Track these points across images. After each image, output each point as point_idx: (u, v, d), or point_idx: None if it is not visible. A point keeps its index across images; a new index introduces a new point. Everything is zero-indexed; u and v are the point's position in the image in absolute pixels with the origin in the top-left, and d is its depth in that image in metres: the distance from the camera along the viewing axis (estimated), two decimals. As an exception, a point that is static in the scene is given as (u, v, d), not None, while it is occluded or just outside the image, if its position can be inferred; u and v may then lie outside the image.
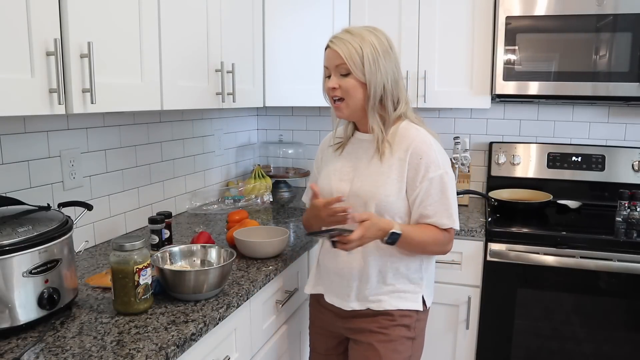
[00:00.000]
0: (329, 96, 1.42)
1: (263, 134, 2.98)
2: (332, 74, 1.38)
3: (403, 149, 1.37)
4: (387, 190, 1.36)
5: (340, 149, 1.51)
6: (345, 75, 1.36)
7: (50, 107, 1.10)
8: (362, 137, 1.47)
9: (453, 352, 2.14)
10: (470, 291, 2.09)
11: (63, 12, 1.12)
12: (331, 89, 1.38)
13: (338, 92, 1.37)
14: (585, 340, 1.97)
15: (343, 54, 1.33)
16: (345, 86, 1.36)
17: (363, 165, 1.42)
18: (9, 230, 1.08)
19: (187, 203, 2.27)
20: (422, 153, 1.36)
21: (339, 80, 1.36)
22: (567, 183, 2.45)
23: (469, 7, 2.21)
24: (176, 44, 1.56)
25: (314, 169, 1.63)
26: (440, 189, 1.35)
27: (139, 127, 1.95)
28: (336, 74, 1.37)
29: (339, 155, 1.50)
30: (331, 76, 1.38)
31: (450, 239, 1.41)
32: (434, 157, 1.36)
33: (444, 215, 1.36)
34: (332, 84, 1.37)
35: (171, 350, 1.04)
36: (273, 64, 2.25)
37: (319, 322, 1.58)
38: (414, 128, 1.41)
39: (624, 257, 1.88)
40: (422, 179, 1.35)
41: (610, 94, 2.05)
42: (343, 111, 1.40)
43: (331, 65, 1.38)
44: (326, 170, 1.51)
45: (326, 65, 1.40)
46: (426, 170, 1.35)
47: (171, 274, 1.26)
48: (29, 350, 1.02)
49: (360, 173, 1.42)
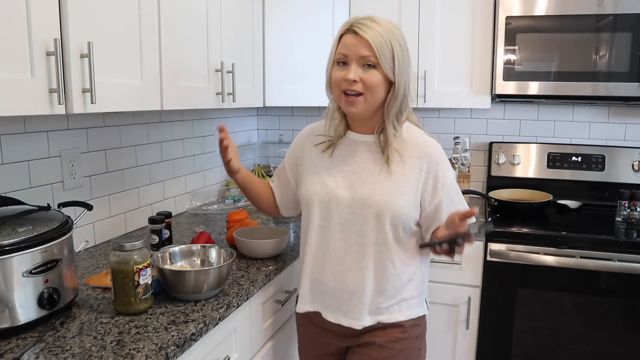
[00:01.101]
0: (338, 87, 1.24)
1: (263, 134, 2.98)
2: (352, 63, 1.21)
3: (415, 155, 1.27)
4: (404, 202, 1.26)
5: (330, 150, 1.35)
6: (370, 68, 1.21)
7: (50, 107, 1.10)
8: (358, 139, 1.33)
9: (453, 352, 2.14)
10: (470, 291, 2.09)
11: (63, 12, 1.12)
12: (350, 81, 1.21)
13: (358, 86, 1.21)
14: (585, 340, 1.97)
15: (374, 44, 1.18)
16: (369, 80, 1.20)
17: (367, 171, 1.29)
18: (9, 230, 1.08)
19: (187, 203, 2.27)
20: (438, 160, 1.28)
21: (362, 72, 1.21)
22: (567, 183, 2.45)
23: (469, 7, 2.21)
24: (176, 44, 1.56)
25: (286, 163, 1.47)
26: (454, 195, 1.30)
27: (139, 127, 1.95)
28: (359, 64, 1.21)
29: (330, 157, 1.34)
30: (351, 66, 1.21)
31: None
32: (447, 161, 1.30)
33: None
34: (352, 76, 1.20)
35: (171, 350, 1.04)
36: (273, 64, 2.25)
37: (313, 345, 1.43)
38: (417, 131, 1.32)
39: (624, 257, 1.88)
40: (443, 187, 1.27)
41: (610, 94, 2.06)
42: (358, 107, 1.24)
43: (354, 54, 1.21)
44: (317, 175, 1.35)
45: (345, 53, 1.22)
46: (445, 178, 1.28)
47: (171, 274, 1.26)
48: (29, 350, 1.02)
49: (366, 180, 1.28)
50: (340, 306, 1.32)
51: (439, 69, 2.29)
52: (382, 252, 1.28)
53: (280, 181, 1.50)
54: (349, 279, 1.30)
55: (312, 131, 1.43)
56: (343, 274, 1.30)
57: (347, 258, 1.30)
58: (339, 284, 1.31)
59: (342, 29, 1.25)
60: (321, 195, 1.32)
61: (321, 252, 1.34)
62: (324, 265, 1.33)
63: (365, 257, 1.28)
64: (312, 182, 1.35)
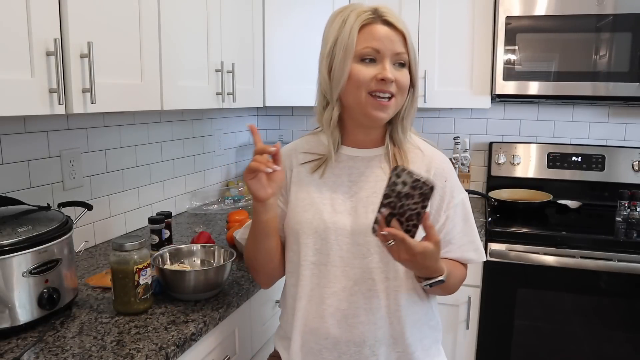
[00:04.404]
0: (364, 88, 1.02)
1: (263, 134, 2.97)
2: (386, 60, 1.02)
3: (422, 169, 1.10)
4: None
5: (321, 170, 1.11)
6: (402, 67, 1.04)
7: (50, 107, 1.10)
8: (354, 154, 1.11)
9: (453, 352, 2.14)
10: (470, 291, 2.08)
11: (63, 12, 1.12)
12: (388, 81, 1.01)
13: (392, 88, 1.02)
14: (585, 340, 1.97)
15: (410, 40, 1.02)
16: (403, 81, 1.03)
17: (368, 191, 1.08)
18: (9, 230, 1.08)
19: (187, 203, 2.27)
20: (446, 175, 1.10)
21: (396, 71, 1.03)
22: (567, 183, 2.44)
23: (469, 7, 2.21)
24: (176, 44, 1.56)
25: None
26: (463, 216, 1.12)
27: (139, 127, 1.95)
28: (392, 62, 1.02)
29: (321, 179, 1.11)
30: (385, 63, 1.02)
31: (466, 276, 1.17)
32: (456, 178, 1.13)
33: (470, 247, 1.13)
34: (390, 75, 1.00)
35: (171, 350, 1.04)
36: (273, 64, 2.25)
37: None
38: (422, 142, 1.15)
39: (624, 257, 1.88)
40: (447, 207, 1.09)
41: (610, 94, 2.05)
42: (389, 112, 1.04)
43: (389, 50, 1.01)
44: (308, 199, 1.10)
45: (378, 47, 1.01)
46: (451, 196, 1.10)
47: (171, 274, 1.26)
48: (29, 350, 1.02)
49: (368, 202, 1.06)
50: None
51: (439, 68, 2.29)
52: (395, 288, 1.06)
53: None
54: (357, 327, 1.06)
55: (294, 149, 1.18)
56: (348, 321, 1.06)
57: (352, 300, 1.06)
58: (344, 333, 1.06)
59: (360, 16, 1.02)
60: (315, 224, 1.07)
61: (318, 295, 1.08)
62: (322, 312, 1.07)
63: (376, 296, 1.06)
64: (302, 209, 1.10)
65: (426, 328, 1.13)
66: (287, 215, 1.13)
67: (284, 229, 1.15)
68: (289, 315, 1.16)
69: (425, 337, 1.13)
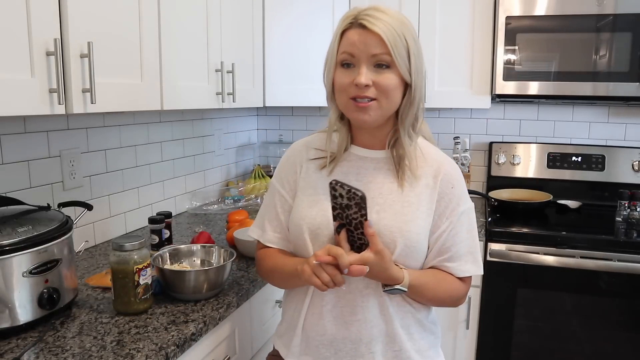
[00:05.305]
0: (345, 94, 1.03)
1: (263, 134, 2.98)
2: (362, 64, 1.01)
3: (431, 173, 1.09)
4: (418, 227, 1.05)
5: (329, 167, 1.12)
6: (382, 68, 1.01)
7: (50, 107, 1.11)
8: (363, 154, 1.12)
9: (453, 352, 2.14)
10: (470, 291, 2.07)
11: (63, 12, 1.13)
12: (361, 86, 1.00)
13: (371, 92, 1.01)
14: (585, 340, 1.97)
15: (388, 39, 0.98)
16: (384, 84, 1.01)
17: (374, 191, 1.08)
18: (9, 230, 1.08)
19: (187, 203, 2.27)
20: (454, 181, 1.09)
21: (374, 74, 1.01)
22: (567, 183, 2.44)
23: (469, 7, 2.21)
24: (176, 44, 1.56)
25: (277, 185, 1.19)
26: (467, 226, 1.11)
27: (139, 127, 1.95)
28: (369, 65, 1.01)
29: (329, 176, 1.10)
30: (360, 68, 1.01)
31: (466, 292, 1.16)
32: (464, 186, 1.12)
33: (469, 259, 1.11)
34: (364, 79, 0.99)
35: (171, 350, 1.04)
36: (273, 64, 2.25)
37: None
38: (432, 147, 1.15)
39: (624, 257, 1.88)
40: (451, 213, 1.08)
41: (610, 94, 2.05)
42: (372, 114, 1.03)
43: (363, 53, 1.00)
44: (314, 195, 1.11)
45: (352, 52, 1.01)
46: (457, 203, 1.09)
47: (171, 274, 1.26)
48: (29, 350, 1.02)
49: (373, 202, 1.06)
50: (342, 358, 1.09)
51: (439, 68, 2.29)
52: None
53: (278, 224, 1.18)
54: (354, 324, 1.07)
55: (306, 144, 1.19)
56: (345, 319, 1.08)
57: (349, 298, 1.08)
58: (340, 331, 1.08)
59: (343, 22, 1.03)
60: (318, 220, 1.08)
61: (317, 292, 1.10)
62: (321, 309, 1.09)
63: (371, 294, 1.07)
64: (308, 204, 1.11)
65: (422, 329, 1.13)
66: (292, 209, 1.15)
67: (289, 222, 1.16)
68: (289, 310, 1.18)
69: (422, 339, 1.13)
